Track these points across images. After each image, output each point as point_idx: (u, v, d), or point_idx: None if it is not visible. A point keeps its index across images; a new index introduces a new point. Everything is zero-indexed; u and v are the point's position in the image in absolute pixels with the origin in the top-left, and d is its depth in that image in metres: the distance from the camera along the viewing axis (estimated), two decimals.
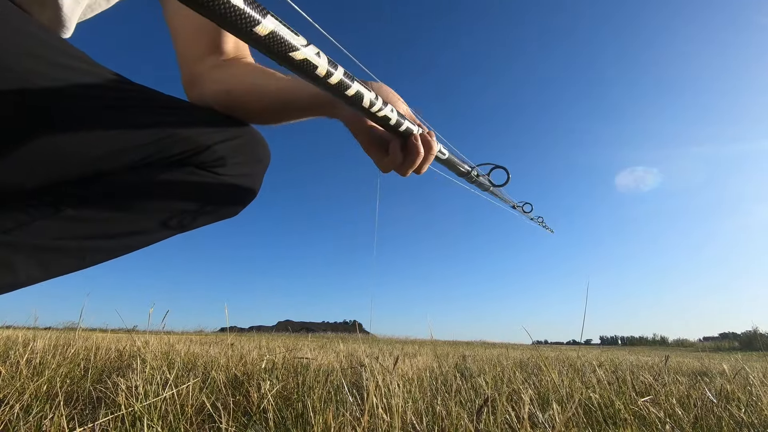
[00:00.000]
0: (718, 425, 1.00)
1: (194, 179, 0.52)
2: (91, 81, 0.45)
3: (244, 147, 0.56)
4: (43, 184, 0.46)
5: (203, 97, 0.58)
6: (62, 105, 0.43)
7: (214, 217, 0.59)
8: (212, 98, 0.57)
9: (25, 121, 0.42)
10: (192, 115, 0.52)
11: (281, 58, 0.35)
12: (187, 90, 0.60)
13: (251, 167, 0.57)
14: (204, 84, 0.58)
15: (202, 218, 0.57)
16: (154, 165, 0.50)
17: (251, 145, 0.57)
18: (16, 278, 0.45)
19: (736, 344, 14.52)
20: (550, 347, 11.57)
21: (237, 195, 0.58)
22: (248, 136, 0.56)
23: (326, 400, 1.06)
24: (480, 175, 0.77)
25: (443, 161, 0.64)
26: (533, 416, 0.98)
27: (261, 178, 0.60)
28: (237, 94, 0.56)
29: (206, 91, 0.58)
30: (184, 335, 7.17)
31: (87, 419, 0.93)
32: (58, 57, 0.43)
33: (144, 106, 0.49)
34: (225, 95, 0.56)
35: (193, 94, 0.60)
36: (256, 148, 0.57)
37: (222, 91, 0.56)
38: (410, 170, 0.54)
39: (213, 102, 0.57)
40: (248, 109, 0.56)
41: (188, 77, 0.60)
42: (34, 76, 0.40)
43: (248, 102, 0.56)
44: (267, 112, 0.57)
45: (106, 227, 0.50)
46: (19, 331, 2.86)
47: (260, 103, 0.56)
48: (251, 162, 0.57)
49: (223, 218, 0.60)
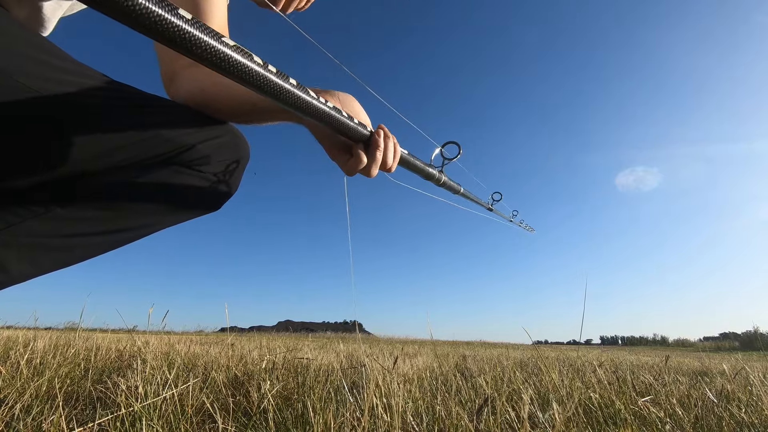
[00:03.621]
0: (719, 425, 1.00)
1: (179, 177, 0.54)
2: (76, 83, 0.46)
3: (227, 145, 0.57)
4: (32, 184, 0.47)
5: (179, 93, 0.59)
6: (49, 108, 0.43)
7: (198, 213, 0.61)
8: (187, 96, 0.58)
9: (12, 125, 0.42)
10: (177, 114, 0.53)
11: (212, 64, 0.34)
12: (165, 87, 0.62)
13: (233, 164, 0.59)
14: (180, 81, 0.60)
15: (187, 214, 0.60)
16: (140, 164, 0.51)
17: (234, 144, 0.58)
18: (8, 275, 0.46)
19: (736, 344, 14.52)
20: (550, 347, 11.56)
21: (219, 191, 0.60)
22: (230, 134, 0.58)
23: (326, 400, 1.06)
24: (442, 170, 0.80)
25: (409, 164, 0.66)
26: (533, 416, 0.98)
27: (241, 174, 0.62)
28: (210, 93, 0.57)
29: (182, 89, 0.59)
30: (184, 335, 7.17)
31: (87, 419, 0.93)
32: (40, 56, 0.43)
33: (129, 106, 0.50)
34: (199, 93, 0.58)
35: (171, 91, 0.61)
36: (238, 146, 0.59)
37: (196, 89, 0.58)
38: (376, 168, 0.55)
39: (188, 99, 0.58)
40: (220, 109, 0.58)
41: (166, 74, 0.61)
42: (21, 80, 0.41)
43: (220, 101, 0.57)
44: (237, 112, 0.59)
45: (94, 225, 0.51)
46: (19, 331, 2.86)
47: (231, 102, 0.57)
48: (234, 159, 0.59)
49: (206, 213, 0.62)
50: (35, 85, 0.42)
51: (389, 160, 0.56)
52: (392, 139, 0.57)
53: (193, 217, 0.61)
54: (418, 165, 0.70)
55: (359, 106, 0.58)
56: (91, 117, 0.46)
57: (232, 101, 0.57)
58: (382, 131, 0.56)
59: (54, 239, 0.48)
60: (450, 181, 0.83)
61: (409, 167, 0.68)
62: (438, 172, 0.77)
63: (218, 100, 0.57)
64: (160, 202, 0.54)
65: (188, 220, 0.61)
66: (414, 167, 0.69)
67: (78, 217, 0.49)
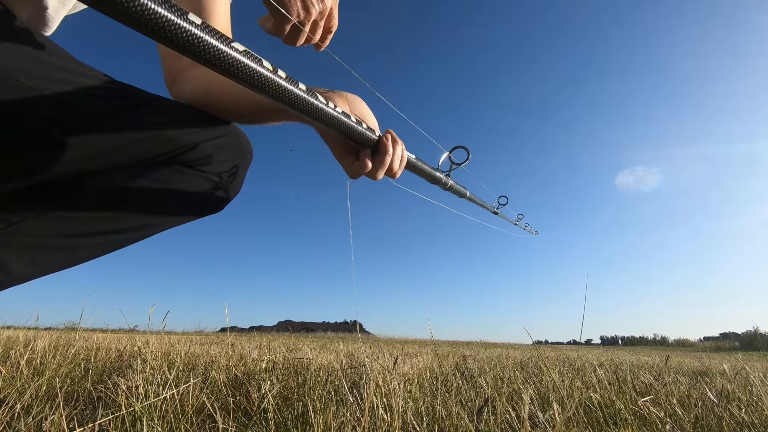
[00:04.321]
0: (719, 425, 1.00)
1: (182, 177, 0.53)
2: (77, 82, 0.45)
3: (229, 145, 0.57)
4: (33, 184, 0.47)
5: (183, 93, 0.59)
6: (50, 108, 0.43)
7: (201, 213, 0.60)
8: (191, 96, 0.58)
9: (13, 124, 0.42)
10: (178, 114, 0.53)
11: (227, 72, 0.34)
12: (168, 87, 0.61)
13: (236, 165, 0.59)
14: (183, 81, 0.59)
15: (189, 215, 0.59)
16: (142, 163, 0.51)
17: (236, 144, 0.58)
18: (9, 275, 0.46)
19: (736, 344, 14.52)
20: (550, 347, 11.57)
21: (222, 192, 0.59)
22: (233, 134, 0.57)
23: (326, 400, 1.06)
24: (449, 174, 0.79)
25: (413, 166, 0.65)
26: (534, 416, 0.98)
27: (244, 175, 0.62)
28: (215, 93, 0.57)
29: (186, 89, 0.59)
30: (184, 335, 7.17)
31: (87, 419, 0.93)
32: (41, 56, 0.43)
33: (130, 105, 0.49)
34: (203, 93, 0.57)
35: (174, 91, 0.61)
36: (240, 146, 0.59)
37: (201, 88, 0.57)
38: (381, 172, 0.55)
39: (192, 99, 0.58)
40: (224, 108, 0.57)
41: (169, 74, 0.61)
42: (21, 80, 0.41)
43: (225, 101, 0.57)
44: (242, 112, 0.58)
45: (95, 225, 0.50)
46: (20, 331, 2.86)
47: (236, 103, 0.57)
48: (236, 159, 0.58)
49: (210, 214, 0.61)
50: (36, 85, 0.42)
51: (395, 166, 0.56)
52: (400, 144, 0.57)
53: (194, 219, 0.60)
54: (425, 169, 0.69)
55: (367, 108, 0.58)
56: (91, 116, 0.46)
57: (236, 101, 0.56)
58: (390, 136, 0.55)
59: (55, 239, 0.48)
60: (456, 184, 0.82)
61: (415, 171, 0.67)
62: (445, 176, 0.77)
63: (223, 100, 0.56)
64: (162, 202, 0.54)
65: (190, 221, 0.60)
66: (420, 171, 0.68)
67: (80, 218, 0.49)
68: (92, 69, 0.49)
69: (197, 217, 0.60)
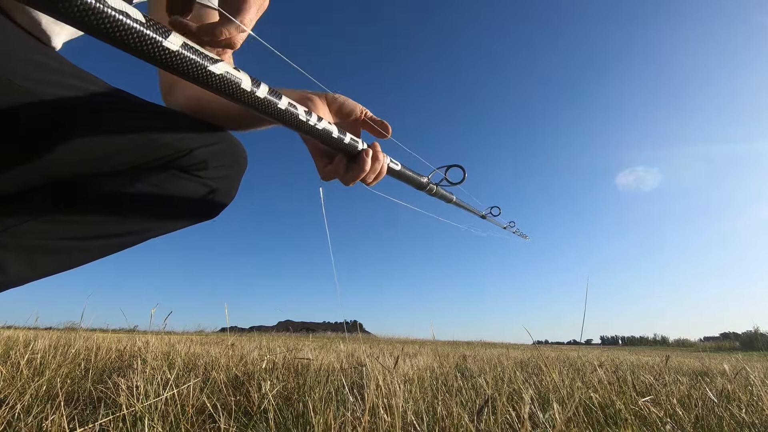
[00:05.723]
0: (719, 425, 1.00)
1: (178, 182, 0.54)
2: (73, 86, 0.46)
3: (224, 151, 0.58)
4: (29, 187, 0.47)
5: (177, 102, 0.60)
6: (45, 110, 0.43)
7: (196, 219, 0.61)
8: (185, 104, 0.59)
9: (8, 126, 0.42)
10: (173, 120, 0.54)
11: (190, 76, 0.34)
12: (163, 96, 0.63)
13: (231, 170, 0.60)
14: (177, 90, 0.60)
15: (185, 220, 0.60)
16: (138, 168, 0.51)
17: (231, 150, 0.59)
18: (6, 277, 0.46)
19: (736, 344, 14.51)
20: (550, 347, 11.56)
21: (217, 197, 0.60)
22: (227, 141, 0.58)
23: (327, 400, 1.06)
24: (438, 185, 0.76)
25: (396, 174, 0.63)
26: (534, 416, 0.98)
27: (239, 181, 0.62)
28: (205, 101, 0.58)
29: (179, 97, 0.60)
30: (184, 335, 7.18)
31: (88, 419, 0.93)
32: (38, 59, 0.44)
33: (126, 110, 0.50)
34: (195, 101, 0.58)
35: (169, 99, 0.62)
36: (235, 152, 0.59)
37: (193, 97, 0.59)
38: (353, 181, 0.54)
39: (184, 108, 0.59)
40: (216, 116, 0.58)
41: (165, 84, 0.62)
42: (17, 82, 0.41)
43: (215, 109, 0.58)
44: (234, 119, 0.59)
45: (92, 228, 0.51)
46: (20, 331, 2.86)
47: (227, 110, 0.58)
48: (231, 165, 0.59)
49: (205, 219, 0.62)
50: (32, 87, 0.42)
51: (368, 179, 0.54)
52: (381, 161, 0.54)
53: (190, 224, 0.61)
54: (411, 176, 0.67)
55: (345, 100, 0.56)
56: (87, 120, 0.47)
57: (228, 109, 0.57)
58: (372, 151, 0.53)
59: (53, 242, 0.48)
60: (442, 190, 0.81)
61: (400, 178, 0.65)
62: (431, 182, 0.74)
63: (214, 107, 0.57)
64: (158, 206, 0.54)
65: (186, 226, 0.61)
66: (406, 178, 0.66)
67: (77, 221, 0.49)
68: (89, 74, 0.50)
69: (193, 222, 0.61)
